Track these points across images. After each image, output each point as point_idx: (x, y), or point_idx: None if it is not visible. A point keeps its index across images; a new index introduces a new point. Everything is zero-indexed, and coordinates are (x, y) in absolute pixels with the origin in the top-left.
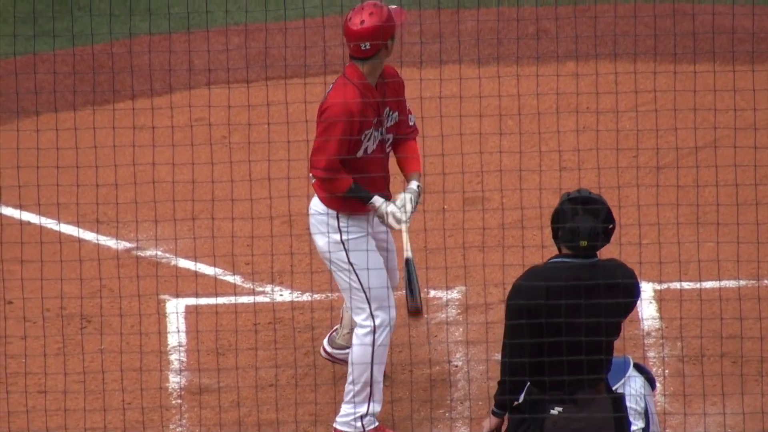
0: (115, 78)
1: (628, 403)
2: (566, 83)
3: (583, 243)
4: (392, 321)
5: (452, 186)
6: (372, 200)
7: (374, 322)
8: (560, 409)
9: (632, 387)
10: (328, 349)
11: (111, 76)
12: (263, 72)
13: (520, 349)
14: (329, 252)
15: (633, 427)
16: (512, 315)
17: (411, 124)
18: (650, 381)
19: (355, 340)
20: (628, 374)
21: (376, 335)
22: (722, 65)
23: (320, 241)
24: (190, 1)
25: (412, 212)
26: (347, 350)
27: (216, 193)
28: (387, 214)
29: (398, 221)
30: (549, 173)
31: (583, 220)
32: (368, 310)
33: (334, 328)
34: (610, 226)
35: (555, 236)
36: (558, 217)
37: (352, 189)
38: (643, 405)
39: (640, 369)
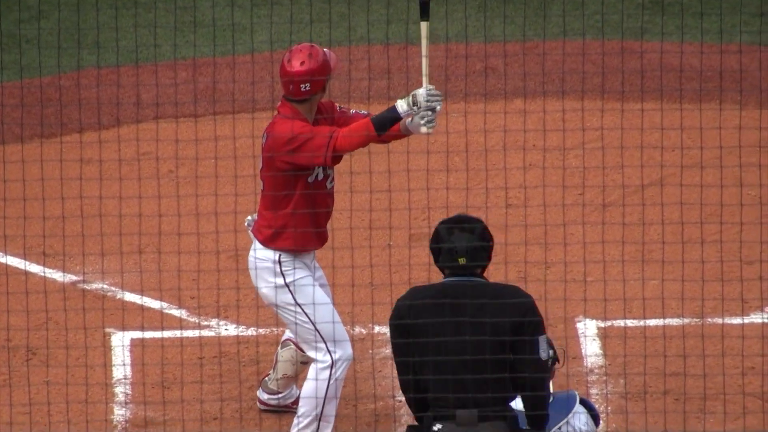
0: (62, 111)
1: None
2: (513, 120)
3: (462, 260)
4: (350, 356)
5: (398, 222)
6: (398, 110)
7: (332, 357)
8: (440, 426)
9: (577, 423)
10: (263, 397)
11: (59, 108)
12: (211, 106)
13: (405, 368)
14: (276, 298)
15: None
16: (391, 335)
17: (363, 112)
18: (595, 417)
19: (310, 374)
20: (573, 410)
21: (333, 370)
22: (669, 103)
23: (265, 290)
24: (138, 35)
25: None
26: (279, 395)
27: (163, 227)
28: (419, 111)
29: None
30: (495, 210)
31: (458, 238)
32: (324, 347)
33: (267, 373)
34: (489, 243)
35: (436, 261)
36: (434, 240)
37: (375, 119)
38: None
39: (585, 404)
